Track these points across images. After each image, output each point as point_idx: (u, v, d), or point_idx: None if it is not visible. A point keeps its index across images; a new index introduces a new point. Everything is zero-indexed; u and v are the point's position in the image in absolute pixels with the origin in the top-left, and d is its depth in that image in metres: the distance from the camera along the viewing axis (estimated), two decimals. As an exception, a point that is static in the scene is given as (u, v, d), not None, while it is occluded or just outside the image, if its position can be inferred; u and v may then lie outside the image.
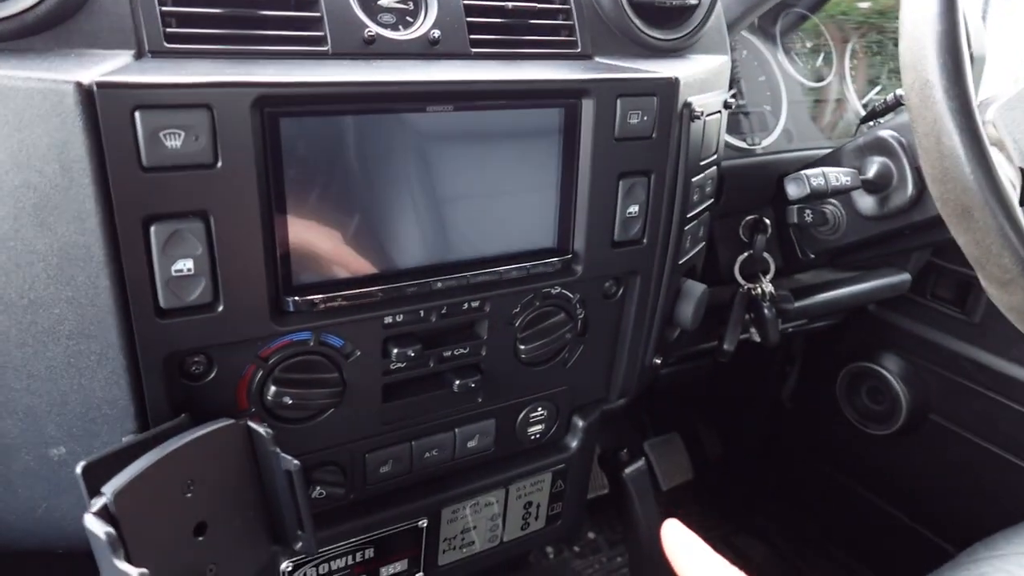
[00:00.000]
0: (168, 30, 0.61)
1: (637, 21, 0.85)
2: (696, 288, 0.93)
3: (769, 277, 1.12)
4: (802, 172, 0.87)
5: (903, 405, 1.52)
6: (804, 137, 1.18)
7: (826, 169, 0.89)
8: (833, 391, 1.74)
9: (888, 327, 1.55)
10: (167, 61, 0.60)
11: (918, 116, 0.70)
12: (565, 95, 0.72)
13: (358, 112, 0.62)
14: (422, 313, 0.72)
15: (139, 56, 0.60)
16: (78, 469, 0.54)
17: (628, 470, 1.15)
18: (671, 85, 0.78)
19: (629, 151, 0.77)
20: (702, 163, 0.86)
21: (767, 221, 1.13)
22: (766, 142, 1.12)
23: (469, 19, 0.74)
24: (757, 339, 1.14)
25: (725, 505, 1.88)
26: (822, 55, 1.25)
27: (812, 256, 1.14)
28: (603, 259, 0.81)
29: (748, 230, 1.15)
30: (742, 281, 1.12)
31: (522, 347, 0.80)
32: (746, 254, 1.12)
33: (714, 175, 0.92)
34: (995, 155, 0.70)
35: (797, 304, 1.20)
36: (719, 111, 0.88)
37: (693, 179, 0.85)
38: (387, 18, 0.72)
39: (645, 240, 0.83)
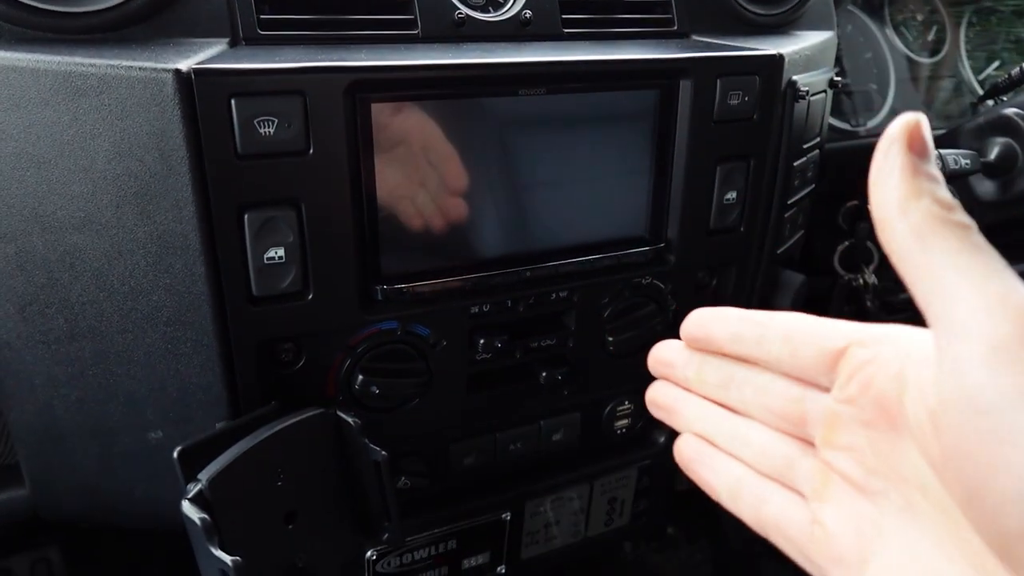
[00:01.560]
0: (262, 17, 0.61)
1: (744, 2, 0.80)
2: (795, 279, 0.88)
3: (873, 267, 1.06)
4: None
5: None
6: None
7: (943, 151, 0.82)
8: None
9: None
10: (261, 48, 0.60)
11: None
12: (662, 75, 0.69)
13: (449, 96, 0.61)
14: (509, 303, 0.70)
15: (234, 44, 0.60)
16: (175, 454, 0.55)
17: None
18: (775, 63, 0.73)
19: (729, 134, 0.73)
20: (805, 146, 0.81)
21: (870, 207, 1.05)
22: (872, 123, 1.05)
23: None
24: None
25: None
26: (934, 28, 1.16)
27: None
28: (698, 248, 0.77)
29: (849, 217, 1.08)
30: (842, 272, 1.06)
31: (610, 339, 0.77)
32: (847, 243, 1.05)
33: (816, 159, 0.86)
34: None
35: (904, 295, 1.13)
36: (824, 91, 0.83)
37: (795, 163, 0.80)
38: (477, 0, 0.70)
39: (743, 228, 0.79)
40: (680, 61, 0.68)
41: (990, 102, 1.08)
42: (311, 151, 0.56)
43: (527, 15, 0.69)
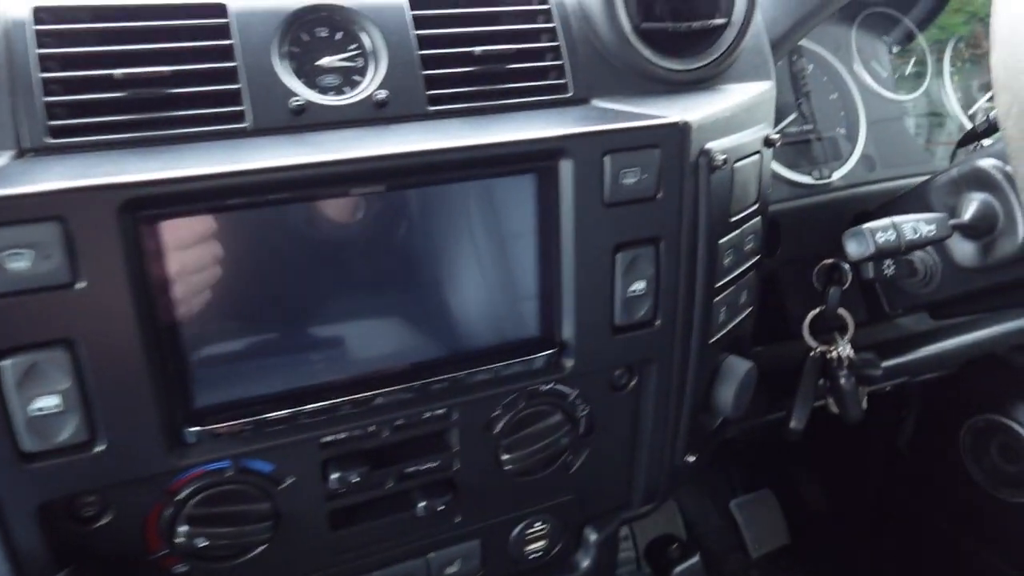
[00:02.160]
0: (52, 123, 0.53)
1: (647, 52, 0.70)
2: (738, 367, 0.76)
3: (847, 337, 0.93)
4: (866, 226, 0.68)
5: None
6: (891, 163, 0.97)
7: (899, 219, 0.69)
8: (957, 445, 1.48)
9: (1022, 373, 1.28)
10: (47, 160, 0.52)
11: (1019, 150, 0.52)
12: (536, 158, 0.59)
13: (244, 206, 0.52)
14: (371, 428, 0.60)
15: (20, 155, 0.53)
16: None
17: (678, 569, 0.98)
18: (678, 133, 0.62)
19: (626, 217, 0.62)
20: (734, 219, 0.70)
21: (845, 267, 0.93)
22: (839, 173, 0.93)
23: (426, 72, 0.62)
24: (835, 410, 0.95)
25: (830, 573, 1.65)
26: (912, 59, 1.03)
27: (901, 311, 0.94)
28: (602, 349, 0.66)
29: (821, 279, 0.95)
30: (812, 342, 0.93)
31: (505, 456, 0.67)
32: (817, 310, 0.93)
33: (757, 228, 0.75)
34: None
35: (887, 364, 1.00)
36: (757, 152, 0.72)
37: (721, 240, 0.69)
38: (330, 80, 0.61)
39: (659, 321, 0.67)
40: (555, 140, 0.58)
41: (969, 148, 0.95)
42: (80, 283, 0.47)
43: (382, 95, 0.60)
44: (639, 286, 0.65)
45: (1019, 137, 0.52)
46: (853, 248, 0.69)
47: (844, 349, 0.93)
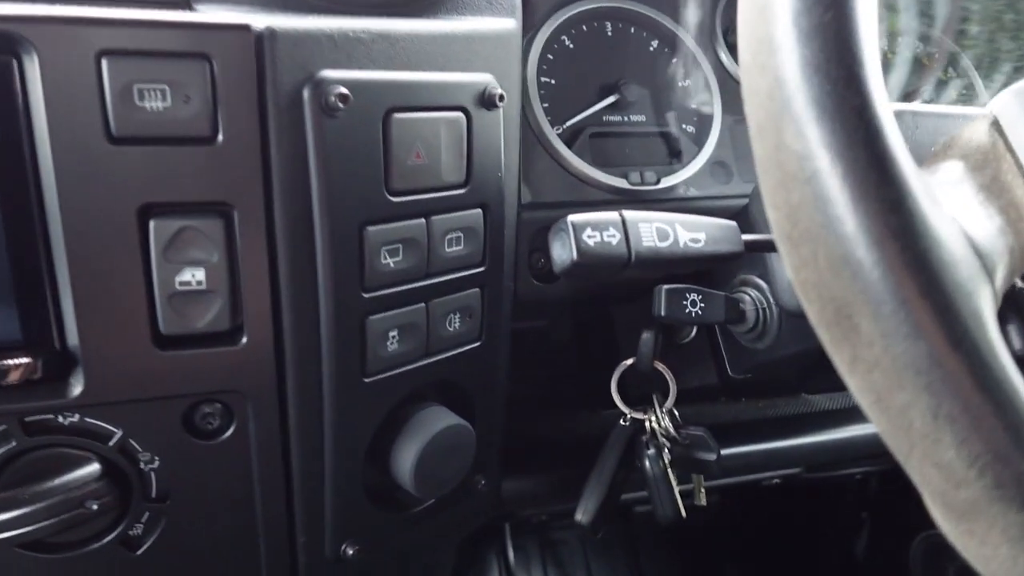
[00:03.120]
0: None
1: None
2: (428, 424, 0.52)
3: (667, 403, 0.67)
4: (570, 218, 0.45)
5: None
6: (754, 174, 0.72)
7: (638, 216, 0.45)
8: (907, 561, 1.20)
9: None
10: None
11: (754, 93, 0.31)
12: (-20, 49, 0.37)
13: None
14: None
15: None
16: None
17: None
18: (245, 39, 0.40)
19: (162, 165, 0.40)
20: (397, 199, 0.47)
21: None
22: (672, 180, 0.69)
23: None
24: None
25: None
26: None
27: (744, 374, 0.68)
28: (141, 368, 0.43)
29: (649, 322, 0.70)
30: (622, 406, 0.68)
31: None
32: (627, 363, 0.68)
33: (471, 224, 0.52)
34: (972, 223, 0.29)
35: (731, 451, 0.74)
36: (459, 108, 0.49)
37: (370, 228, 0.46)
38: None
39: (245, 338, 0.44)
40: (10, 20, 0.37)
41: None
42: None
43: None
44: (194, 275, 0.42)
45: (757, 90, 0.30)
46: (555, 251, 0.45)
47: (663, 417, 0.67)
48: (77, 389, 0.42)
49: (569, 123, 0.67)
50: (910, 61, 0.85)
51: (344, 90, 0.42)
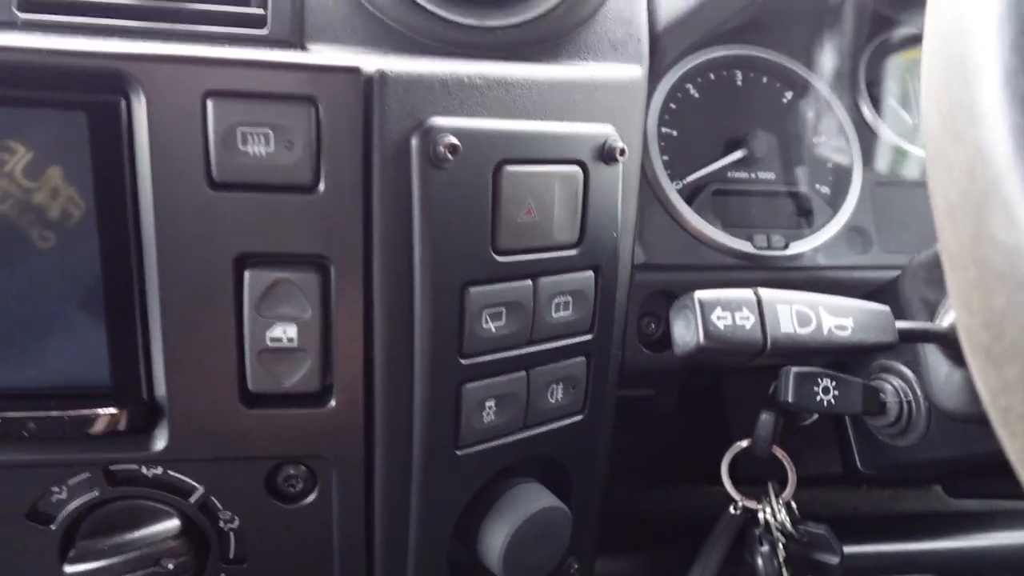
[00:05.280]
0: None
1: (416, -6, 0.46)
2: (523, 504, 0.47)
3: (785, 495, 0.60)
4: (697, 295, 0.39)
5: None
6: (900, 245, 0.65)
7: (775, 296, 0.39)
8: None
9: None
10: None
11: (945, 168, 0.26)
12: (86, 86, 0.36)
13: None
14: None
15: None
16: None
17: None
18: (354, 83, 0.37)
19: (260, 213, 0.38)
20: (503, 259, 0.43)
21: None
22: (803, 246, 0.62)
23: (32, -33, 0.42)
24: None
25: None
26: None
27: (876, 471, 0.60)
28: (227, 425, 0.40)
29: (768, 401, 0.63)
30: (733, 492, 0.61)
31: (75, 569, 0.42)
32: (742, 444, 0.61)
33: (583, 288, 0.47)
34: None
35: (854, 550, 0.65)
36: (575, 162, 0.45)
37: (472, 289, 0.42)
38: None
39: (334, 401, 0.41)
40: (104, 58, 0.35)
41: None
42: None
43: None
44: (286, 332, 0.39)
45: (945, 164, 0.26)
46: (678, 331, 0.40)
47: (779, 509, 0.60)
48: (161, 443, 0.40)
49: (690, 178, 0.62)
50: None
51: (454, 140, 0.39)
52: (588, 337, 0.49)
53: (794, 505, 0.60)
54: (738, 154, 0.63)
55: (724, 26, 0.59)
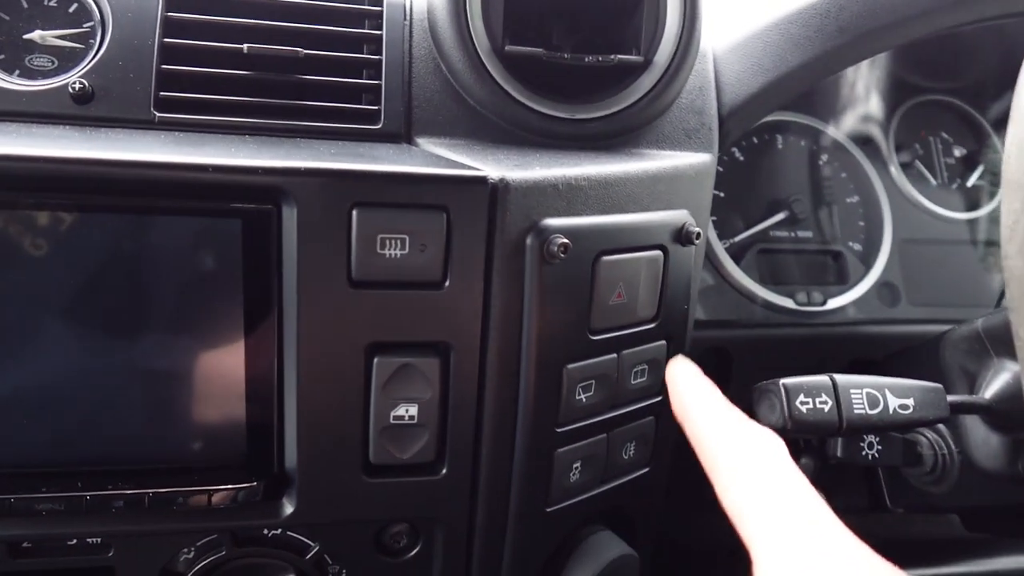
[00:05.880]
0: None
1: (510, 87, 0.50)
2: (603, 551, 0.52)
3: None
4: (788, 383, 0.44)
5: None
6: (926, 299, 0.70)
7: (847, 380, 0.44)
8: None
9: None
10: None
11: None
12: (242, 196, 0.40)
13: None
14: None
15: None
16: None
17: None
18: (481, 191, 0.41)
19: (391, 307, 0.42)
20: (596, 337, 0.47)
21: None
22: (839, 301, 0.67)
23: (164, 67, 0.45)
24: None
25: None
26: (980, 168, 0.76)
27: (903, 509, 0.65)
28: (348, 493, 0.44)
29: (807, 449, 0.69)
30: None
31: (199, 623, 0.46)
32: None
33: (657, 356, 0.52)
34: None
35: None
36: (658, 247, 0.49)
37: (569, 366, 0.46)
38: (42, 61, 0.45)
39: (445, 469, 0.45)
40: (262, 172, 0.39)
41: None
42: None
43: (81, 85, 0.44)
44: (408, 411, 0.43)
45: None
46: (762, 413, 0.45)
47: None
48: (288, 509, 0.44)
49: (738, 238, 0.66)
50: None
51: (566, 240, 0.43)
52: (659, 399, 0.54)
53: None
54: (781, 215, 0.68)
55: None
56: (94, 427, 0.41)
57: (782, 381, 0.44)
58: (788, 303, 0.65)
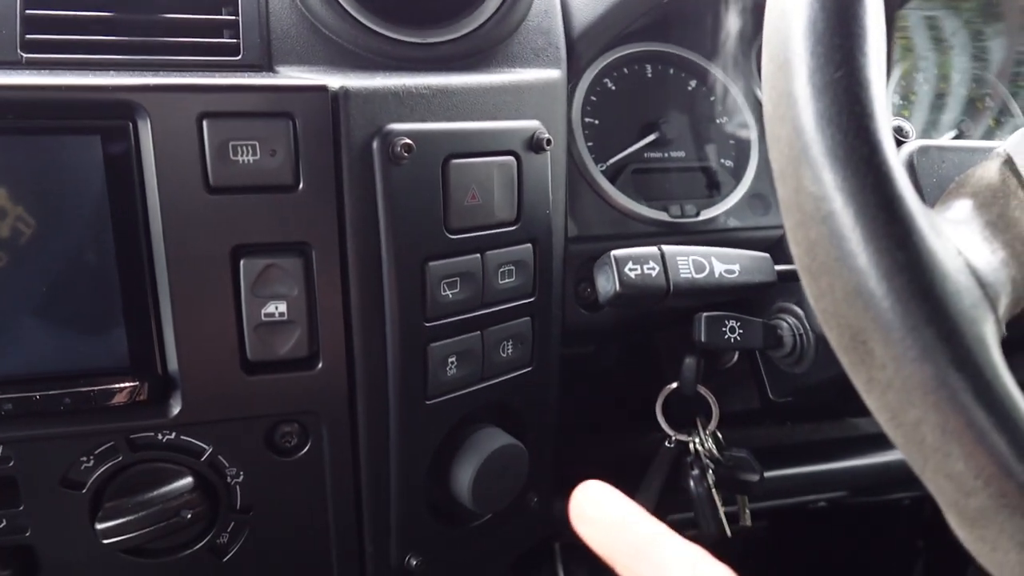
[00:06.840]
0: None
1: (362, 17, 0.54)
2: (484, 443, 0.56)
3: (711, 426, 0.70)
4: (612, 252, 0.49)
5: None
6: (795, 208, 0.75)
7: (674, 250, 0.49)
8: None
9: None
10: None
11: (776, 140, 0.35)
12: (98, 113, 0.43)
13: None
14: None
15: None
16: None
17: None
18: (322, 99, 0.45)
19: (250, 211, 0.46)
20: (455, 236, 0.51)
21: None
22: (710, 212, 0.72)
23: (29, 11, 0.49)
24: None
25: None
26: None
27: (780, 400, 0.71)
28: (231, 392, 0.48)
29: (691, 348, 0.74)
30: (667, 429, 0.71)
31: (104, 526, 0.49)
32: (672, 386, 0.71)
33: (522, 258, 0.56)
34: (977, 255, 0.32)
35: (775, 474, 0.76)
36: (509, 152, 0.53)
37: (432, 263, 0.50)
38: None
39: (321, 363, 0.49)
40: (112, 90, 0.43)
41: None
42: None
43: (-53, 31, 0.47)
44: (277, 308, 0.47)
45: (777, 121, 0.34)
46: (599, 283, 0.49)
47: (706, 439, 0.70)
48: (176, 409, 0.48)
49: (612, 160, 0.71)
50: (963, 101, 0.87)
51: (408, 141, 0.47)
52: (531, 300, 0.58)
53: (720, 435, 0.70)
54: (651, 137, 0.73)
55: (632, 27, 0.68)
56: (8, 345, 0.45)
57: (613, 252, 0.49)
58: (663, 216, 0.70)
